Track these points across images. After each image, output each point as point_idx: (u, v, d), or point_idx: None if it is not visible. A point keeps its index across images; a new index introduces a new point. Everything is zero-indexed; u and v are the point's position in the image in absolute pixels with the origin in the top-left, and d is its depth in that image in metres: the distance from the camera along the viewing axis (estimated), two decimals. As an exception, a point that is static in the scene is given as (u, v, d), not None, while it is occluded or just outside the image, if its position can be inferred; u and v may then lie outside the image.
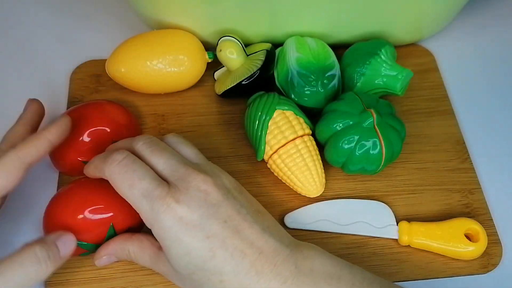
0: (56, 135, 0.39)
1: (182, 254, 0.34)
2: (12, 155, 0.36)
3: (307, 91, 0.47)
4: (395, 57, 0.49)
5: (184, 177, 0.35)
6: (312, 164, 0.44)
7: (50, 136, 0.38)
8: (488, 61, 0.56)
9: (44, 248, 0.34)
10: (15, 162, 0.37)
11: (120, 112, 0.46)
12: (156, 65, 0.47)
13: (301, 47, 0.48)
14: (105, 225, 0.39)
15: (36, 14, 0.58)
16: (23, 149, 0.37)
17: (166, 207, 0.34)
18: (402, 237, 0.42)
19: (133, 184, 0.34)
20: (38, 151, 0.37)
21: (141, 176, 0.35)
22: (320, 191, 0.44)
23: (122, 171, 0.35)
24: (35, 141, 0.37)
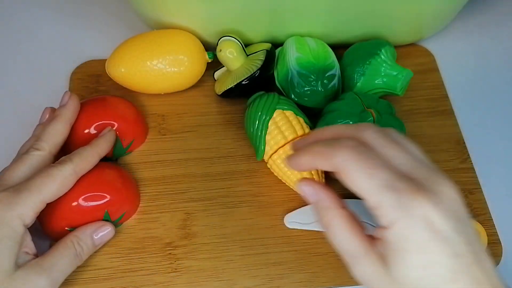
0: (105, 150, 0.42)
1: (420, 265, 0.28)
2: (70, 170, 0.38)
3: (307, 91, 0.47)
4: (395, 57, 0.49)
5: (431, 177, 0.30)
6: None
7: (101, 152, 0.41)
8: (488, 61, 0.56)
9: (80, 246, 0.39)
10: (72, 176, 0.39)
11: (128, 108, 0.47)
12: (156, 65, 0.47)
13: (301, 47, 0.48)
14: (99, 212, 0.41)
15: (36, 13, 0.58)
16: (80, 164, 0.39)
17: (418, 204, 0.28)
18: None
19: (374, 172, 0.29)
20: (90, 167, 0.40)
21: (381, 164, 0.29)
22: None
23: (360, 158, 0.30)
24: (90, 158, 0.40)
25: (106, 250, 0.43)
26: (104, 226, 0.41)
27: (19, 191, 0.36)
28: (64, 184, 0.38)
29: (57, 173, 0.37)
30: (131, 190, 0.44)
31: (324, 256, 0.43)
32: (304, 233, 0.44)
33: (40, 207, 0.37)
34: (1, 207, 0.35)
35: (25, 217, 0.36)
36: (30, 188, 0.36)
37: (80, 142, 0.43)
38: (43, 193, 0.36)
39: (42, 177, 0.37)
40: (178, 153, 0.48)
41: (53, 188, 0.37)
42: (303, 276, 0.42)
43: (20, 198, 0.36)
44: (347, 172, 0.30)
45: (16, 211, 0.35)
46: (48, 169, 0.38)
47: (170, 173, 0.47)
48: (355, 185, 0.30)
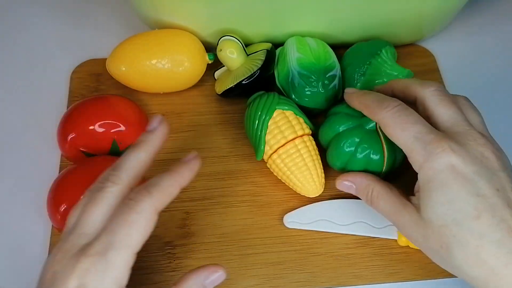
0: (187, 180, 0.34)
1: (444, 201, 0.33)
2: (151, 209, 0.32)
3: (308, 91, 0.47)
4: (395, 57, 0.49)
5: (464, 133, 0.35)
6: (312, 164, 0.44)
7: (183, 183, 0.34)
8: (488, 61, 0.56)
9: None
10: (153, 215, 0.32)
11: (132, 109, 0.47)
12: (155, 64, 0.47)
13: (302, 47, 0.48)
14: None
15: (36, 13, 0.58)
16: (160, 199, 0.32)
17: (441, 150, 0.33)
18: (401, 237, 0.42)
19: (406, 126, 0.35)
20: (170, 199, 0.33)
21: (415, 121, 0.35)
22: (319, 191, 0.44)
23: (396, 115, 0.36)
24: (171, 190, 0.33)
25: (105, 249, 0.43)
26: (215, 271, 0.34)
27: (106, 253, 0.30)
28: (147, 226, 0.31)
29: (137, 218, 0.31)
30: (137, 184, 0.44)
31: (323, 256, 0.43)
32: (303, 233, 0.44)
33: (132, 261, 0.31)
34: (94, 278, 0.29)
35: (121, 280, 0.30)
36: (116, 246, 0.30)
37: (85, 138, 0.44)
38: (131, 246, 0.31)
39: (123, 226, 0.31)
40: (178, 152, 0.48)
41: (139, 236, 0.31)
42: (302, 276, 0.42)
43: (109, 261, 0.30)
44: (386, 126, 0.37)
45: (111, 278, 0.30)
46: (126, 215, 0.31)
47: (170, 172, 0.47)
48: (393, 137, 0.36)
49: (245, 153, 0.48)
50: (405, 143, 0.35)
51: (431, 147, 0.34)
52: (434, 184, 0.34)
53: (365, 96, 0.40)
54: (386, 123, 0.37)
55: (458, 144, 0.34)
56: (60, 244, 0.32)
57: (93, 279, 0.29)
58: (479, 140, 0.35)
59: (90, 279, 0.29)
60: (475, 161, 0.33)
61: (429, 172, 0.34)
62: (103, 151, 0.45)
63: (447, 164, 0.33)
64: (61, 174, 0.43)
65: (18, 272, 0.43)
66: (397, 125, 0.36)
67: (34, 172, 0.47)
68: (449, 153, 0.33)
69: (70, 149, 0.45)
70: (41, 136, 0.49)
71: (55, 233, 0.44)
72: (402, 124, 0.36)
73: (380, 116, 0.37)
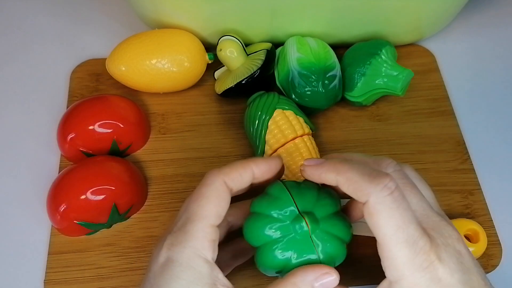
0: (262, 171, 0.34)
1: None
2: (220, 180, 0.32)
3: (308, 91, 0.47)
4: (395, 57, 0.49)
5: (439, 229, 0.31)
6: None
7: (256, 170, 0.34)
8: (488, 61, 0.56)
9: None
10: (223, 187, 0.32)
11: (131, 109, 0.47)
12: (155, 64, 0.47)
13: (302, 47, 0.48)
14: (107, 205, 0.41)
15: (36, 13, 0.58)
16: (229, 174, 0.33)
17: (429, 264, 0.29)
18: None
19: (402, 226, 0.29)
20: (242, 180, 0.33)
21: (410, 219, 0.30)
22: None
23: (394, 206, 0.30)
24: (241, 170, 0.33)
25: (105, 249, 0.43)
26: (327, 274, 0.32)
27: (184, 226, 0.32)
28: (219, 198, 0.32)
29: (207, 190, 0.32)
30: (138, 183, 0.44)
31: (323, 256, 0.43)
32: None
33: (213, 232, 0.31)
34: (177, 249, 0.31)
35: (202, 251, 0.31)
36: (191, 218, 0.31)
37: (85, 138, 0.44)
38: (206, 217, 0.31)
39: (196, 200, 0.32)
40: (178, 152, 0.48)
41: (211, 207, 0.32)
42: (302, 276, 0.42)
43: (187, 232, 0.31)
44: (377, 213, 0.30)
45: (191, 247, 0.31)
46: (198, 190, 0.33)
47: (170, 172, 0.47)
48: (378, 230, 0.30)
49: (245, 153, 0.48)
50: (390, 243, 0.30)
51: (420, 260, 0.29)
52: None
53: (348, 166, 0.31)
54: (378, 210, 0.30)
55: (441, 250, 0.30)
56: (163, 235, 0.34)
57: (176, 250, 0.31)
58: (453, 234, 0.31)
59: (174, 251, 0.31)
60: (458, 267, 0.30)
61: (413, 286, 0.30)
62: (103, 151, 0.45)
63: (434, 280, 0.29)
64: (61, 174, 0.43)
65: (18, 272, 0.42)
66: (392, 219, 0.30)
67: (34, 172, 0.47)
68: (437, 266, 0.29)
69: (70, 149, 0.45)
70: (41, 136, 0.49)
71: (55, 233, 0.43)
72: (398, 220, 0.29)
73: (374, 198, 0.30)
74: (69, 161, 0.46)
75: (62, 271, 0.42)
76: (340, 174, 0.31)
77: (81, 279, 0.42)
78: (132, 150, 0.47)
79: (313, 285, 0.31)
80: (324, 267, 0.32)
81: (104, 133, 0.45)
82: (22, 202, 0.46)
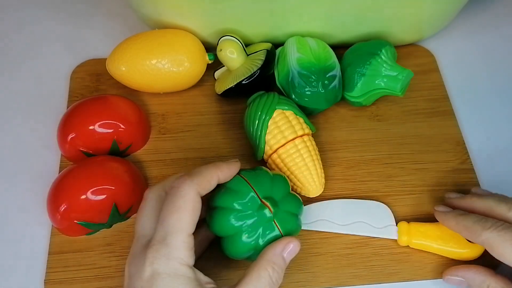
0: (225, 175, 0.37)
1: None
2: (191, 189, 0.34)
3: (308, 91, 0.47)
4: (395, 57, 0.49)
5: None
6: (312, 164, 0.44)
7: (221, 175, 0.37)
8: (488, 61, 0.56)
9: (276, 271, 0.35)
10: (198, 197, 0.35)
11: (131, 109, 0.47)
12: (155, 64, 0.47)
13: (302, 47, 0.48)
14: (107, 205, 0.42)
15: (36, 13, 0.58)
16: (201, 183, 0.35)
17: None
18: (401, 237, 0.42)
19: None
20: (210, 187, 0.36)
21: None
22: (319, 191, 0.44)
23: (502, 233, 0.36)
24: (209, 178, 0.36)
25: (105, 249, 0.43)
26: (290, 242, 0.37)
27: (165, 239, 0.33)
28: (194, 208, 0.34)
29: (183, 202, 0.34)
30: (138, 183, 0.44)
31: (323, 256, 0.43)
32: (303, 233, 0.44)
33: (191, 241, 0.34)
34: (161, 262, 0.33)
35: (185, 259, 0.33)
36: (171, 231, 0.33)
37: (85, 138, 0.44)
38: (184, 229, 0.34)
39: (173, 213, 0.34)
40: (178, 152, 0.48)
41: (188, 218, 0.34)
42: (302, 276, 0.42)
43: (169, 245, 0.33)
44: (494, 248, 0.37)
45: (175, 258, 0.33)
46: (173, 202, 0.34)
47: (170, 172, 0.47)
48: (503, 257, 0.36)
49: (245, 153, 0.48)
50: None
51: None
52: None
53: (464, 217, 0.39)
54: (492, 244, 0.37)
55: None
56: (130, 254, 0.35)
57: (161, 263, 0.33)
58: None
59: (159, 265, 0.33)
60: None
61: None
62: (103, 151, 0.46)
63: None
64: (61, 174, 0.43)
65: (18, 272, 0.43)
66: (507, 243, 0.36)
67: (34, 172, 0.47)
68: None
69: (70, 149, 0.45)
70: (41, 136, 0.49)
71: (55, 233, 0.44)
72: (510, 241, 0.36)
73: (484, 237, 0.37)
74: (69, 161, 0.47)
75: (62, 271, 0.42)
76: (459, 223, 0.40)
77: (81, 279, 0.42)
78: (132, 150, 0.48)
79: (283, 256, 0.36)
80: (285, 238, 0.37)
81: (104, 133, 0.45)
82: (22, 202, 0.46)
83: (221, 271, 0.42)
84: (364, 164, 0.48)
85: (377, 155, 0.48)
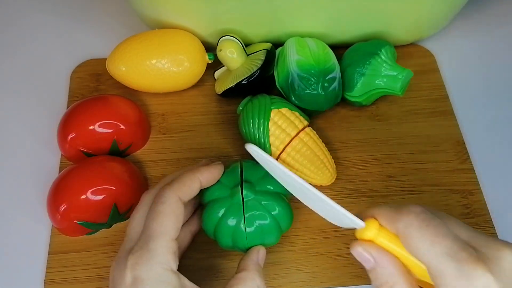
0: (207, 179, 0.38)
1: None
2: (171, 195, 0.35)
3: (308, 94, 0.47)
4: (395, 57, 0.49)
5: (490, 245, 0.30)
6: (321, 153, 0.44)
7: (202, 180, 0.38)
8: (488, 61, 0.56)
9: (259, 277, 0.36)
10: (179, 203, 0.35)
11: (131, 109, 0.47)
12: (155, 64, 0.47)
13: (302, 49, 0.48)
14: (107, 205, 0.42)
15: (36, 13, 0.58)
16: (181, 189, 0.36)
17: (479, 275, 0.28)
18: (369, 228, 0.33)
19: (436, 240, 0.29)
20: (192, 192, 0.37)
21: (444, 234, 0.30)
22: (334, 177, 0.45)
23: (423, 225, 0.30)
24: (189, 182, 0.37)
25: (105, 249, 0.43)
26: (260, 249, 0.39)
27: (147, 244, 0.33)
28: (175, 214, 0.35)
29: (164, 207, 0.35)
30: (138, 183, 0.45)
31: (323, 256, 0.43)
32: (303, 233, 0.44)
33: (174, 245, 0.34)
34: (143, 268, 0.32)
35: (168, 264, 0.33)
36: (153, 236, 0.34)
37: (85, 138, 0.44)
38: (166, 233, 0.34)
39: (154, 218, 0.34)
40: (178, 152, 0.48)
41: (169, 223, 0.34)
42: (302, 276, 0.42)
43: (151, 250, 0.33)
44: (409, 237, 0.30)
45: (158, 263, 0.33)
46: (154, 208, 0.35)
47: (170, 172, 0.47)
48: (416, 252, 0.30)
49: (244, 153, 0.48)
50: (431, 260, 0.30)
51: (468, 270, 0.28)
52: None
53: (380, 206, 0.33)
54: (409, 234, 0.30)
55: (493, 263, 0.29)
56: (115, 258, 0.35)
57: (143, 269, 0.32)
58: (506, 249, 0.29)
59: (140, 270, 0.32)
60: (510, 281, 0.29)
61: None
62: (103, 151, 0.46)
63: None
64: (61, 174, 0.43)
65: (18, 272, 0.43)
66: (425, 236, 0.30)
67: (34, 172, 0.47)
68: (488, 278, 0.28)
69: (70, 149, 0.45)
70: (41, 136, 0.49)
71: (55, 233, 0.44)
72: (432, 237, 0.30)
73: (401, 224, 0.31)
74: (69, 161, 0.47)
75: (62, 271, 0.42)
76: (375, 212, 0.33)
77: (81, 279, 0.42)
78: (132, 150, 0.48)
79: (258, 263, 0.38)
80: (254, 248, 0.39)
81: (104, 133, 0.45)
82: (22, 202, 0.46)
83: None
84: (364, 164, 0.48)
85: (377, 155, 0.48)
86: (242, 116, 0.46)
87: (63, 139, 0.45)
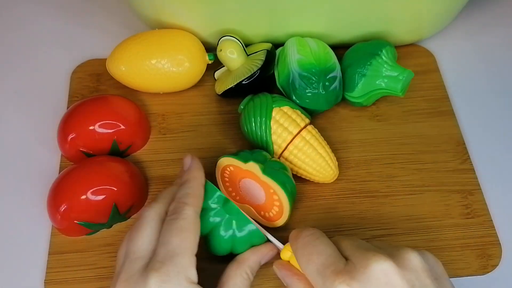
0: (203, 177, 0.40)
1: None
2: (191, 211, 0.36)
3: (309, 93, 0.47)
4: (396, 57, 0.49)
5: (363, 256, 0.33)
6: (324, 151, 0.44)
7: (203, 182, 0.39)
8: (488, 61, 0.56)
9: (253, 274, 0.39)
10: (198, 219, 0.37)
11: (131, 109, 0.47)
12: (155, 64, 0.47)
13: (302, 48, 0.48)
14: (108, 205, 0.42)
15: (36, 13, 0.58)
16: (196, 203, 0.37)
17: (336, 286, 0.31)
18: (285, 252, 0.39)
19: (310, 259, 0.34)
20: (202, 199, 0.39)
21: (320, 252, 0.34)
22: (336, 173, 0.45)
23: (304, 247, 0.35)
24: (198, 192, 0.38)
25: (105, 250, 0.43)
26: (271, 251, 0.40)
27: (172, 259, 0.33)
28: (196, 229, 0.36)
29: (185, 223, 0.35)
30: (138, 183, 0.45)
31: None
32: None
33: (195, 261, 0.35)
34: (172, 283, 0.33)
35: (193, 278, 0.34)
36: (178, 251, 0.34)
37: (85, 138, 0.44)
38: (190, 248, 0.35)
39: (177, 234, 0.35)
40: (178, 152, 0.48)
41: (192, 238, 0.35)
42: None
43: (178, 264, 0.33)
44: (297, 258, 0.36)
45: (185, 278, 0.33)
46: (176, 225, 0.35)
47: (170, 172, 0.47)
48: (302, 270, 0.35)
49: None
50: (309, 276, 0.34)
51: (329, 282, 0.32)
52: None
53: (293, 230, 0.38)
54: (296, 255, 0.36)
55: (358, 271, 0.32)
56: (118, 278, 0.34)
57: (172, 284, 0.32)
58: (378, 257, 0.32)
59: (168, 285, 0.32)
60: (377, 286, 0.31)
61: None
62: (103, 151, 0.46)
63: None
64: (61, 174, 0.43)
65: (18, 272, 0.43)
66: (304, 257, 0.35)
67: (35, 172, 0.47)
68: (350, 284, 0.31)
69: (70, 149, 0.45)
70: (41, 136, 0.49)
71: (55, 233, 0.44)
72: (308, 256, 0.34)
73: (294, 246, 0.36)
74: (70, 161, 0.47)
75: (62, 271, 0.42)
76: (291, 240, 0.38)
77: (81, 279, 0.42)
78: (132, 150, 0.48)
79: (260, 263, 0.39)
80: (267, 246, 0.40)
81: (104, 133, 0.45)
82: (22, 202, 0.46)
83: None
84: (364, 164, 0.48)
85: (378, 155, 0.48)
86: (243, 115, 0.46)
87: (63, 139, 0.45)
